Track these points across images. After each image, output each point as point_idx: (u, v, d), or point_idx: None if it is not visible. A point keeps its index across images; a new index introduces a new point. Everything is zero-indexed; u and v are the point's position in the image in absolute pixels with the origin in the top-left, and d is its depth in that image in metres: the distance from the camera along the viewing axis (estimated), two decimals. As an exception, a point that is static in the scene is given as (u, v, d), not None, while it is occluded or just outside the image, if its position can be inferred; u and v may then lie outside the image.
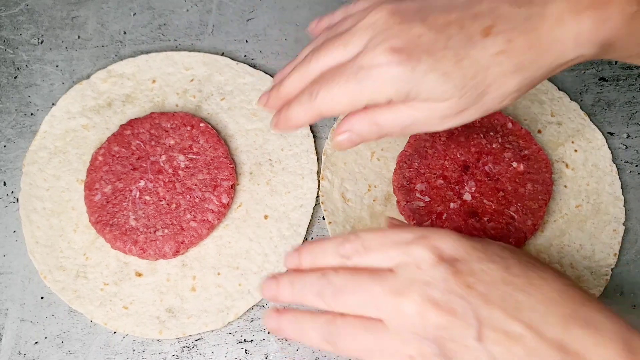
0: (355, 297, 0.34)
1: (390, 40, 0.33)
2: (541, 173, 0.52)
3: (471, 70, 0.33)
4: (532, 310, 0.32)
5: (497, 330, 0.31)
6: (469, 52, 0.33)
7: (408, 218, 0.52)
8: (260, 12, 0.62)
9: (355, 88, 0.34)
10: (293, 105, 0.37)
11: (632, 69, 0.59)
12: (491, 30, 0.33)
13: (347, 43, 0.35)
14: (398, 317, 0.33)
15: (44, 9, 0.62)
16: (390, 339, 0.33)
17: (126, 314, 0.51)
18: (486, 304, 0.32)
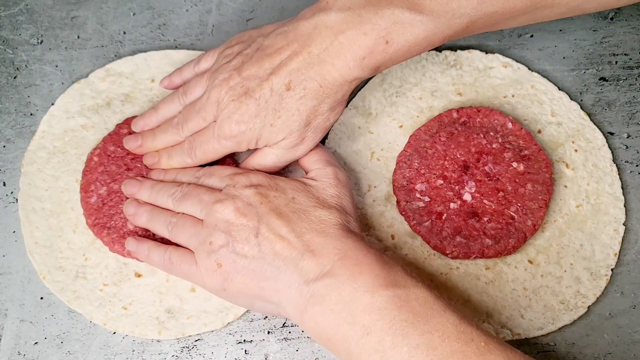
0: (192, 201, 0.48)
1: (232, 116, 0.48)
2: (541, 173, 0.52)
3: (288, 115, 0.47)
4: (296, 224, 0.45)
5: (270, 231, 0.44)
6: (282, 106, 0.47)
7: (408, 218, 0.52)
8: (260, 12, 0.62)
9: (222, 149, 0.49)
10: (174, 156, 0.52)
11: (633, 68, 0.59)
12: (290, 84, 0.46)
13: (204, 117, 0.49)
14: (211, 216, 0.46)
15: (44, 9, 0.62)
16: (203, 230, 0.46)
17: (125, 314, 0.50)
18: (268, 214, 0.45)
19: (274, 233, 0.44)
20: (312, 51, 0.46)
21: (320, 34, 0.46)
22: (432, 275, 0.51)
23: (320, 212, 0.46)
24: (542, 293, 0.51)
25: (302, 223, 0.45)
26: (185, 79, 0.54)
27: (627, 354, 0.50)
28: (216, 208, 0.46)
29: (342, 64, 0.46)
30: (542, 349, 0.50)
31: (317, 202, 0.47)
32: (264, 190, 0.46)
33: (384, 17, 0.45)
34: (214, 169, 0.50)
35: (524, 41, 0.59)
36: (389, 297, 0.41)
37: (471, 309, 0.50)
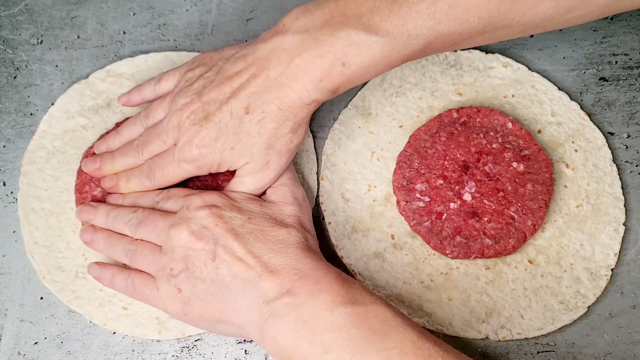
0: (147, 228, 0.48)
1: (192, 140, 0.47)
2: (541, 173, 0.52)
3: (248, 139, 0.47)
4: (253, 245, 0.45)
5: (227, 253, 0.44)
6: (241, 129, 0.47)
7: (408, 218, 0.52)
8: (260, 12, 0.62)
9: (182, 172, 0.49)
10: (133, 179, 0.51)
11: (633, 68, 0.59)
12: (249, 108, 0.46)
13: (164, 140, 0.49)
14: (168, 242, 0.46)
15: (44, 9, 0.62)
16: (162, 257, 0.46)
17: (125, 314, 0.50)
18: (224, 236, 0.45)
19: (231, 255, 0.44)
20: (270, 74, 0.46)
21: (277, 57, 0.46)
22: (432, 275, 0.51)
23: (277, 232, 0.46)
24: (542, 293, 0.51)
25: (259, 243, 0.45)
26: (144, 98, 0.54)
27: (627, 354, 0.50)
28: (172, 234, 0.46)
29: (300, 87, 0.46)
30: (542, 349, 0.50)
31: (274, 221, 0.47)
32: (219, 211, 0.46)
33: (339, 38, 0.44)
34: (172, 191, 0.50)
35: (524, 41, 0.59)
36: (348, 314, 0.41)
37: (471, 309, 0.50)
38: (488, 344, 0.50)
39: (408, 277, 0.51)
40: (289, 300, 0.42)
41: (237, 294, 0.44)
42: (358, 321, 0.41)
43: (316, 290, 0.42)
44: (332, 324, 0.41)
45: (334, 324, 0.41)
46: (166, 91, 0.53)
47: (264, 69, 0.46)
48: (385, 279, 0.51)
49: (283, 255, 0.44)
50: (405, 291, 0.51)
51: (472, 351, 0.50)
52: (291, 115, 0.47)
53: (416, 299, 0.51)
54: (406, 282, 0.51)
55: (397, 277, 0.51)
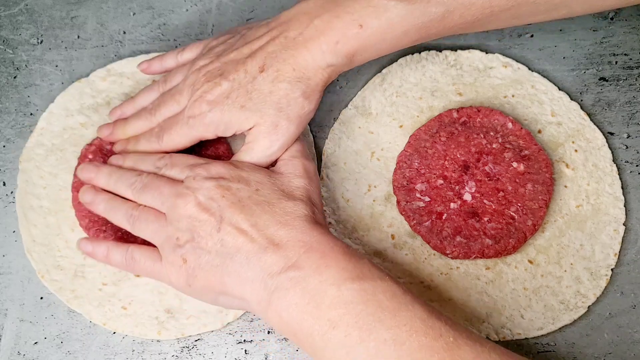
0: (152, 193, 0.47)
1: (204, 96, 0.47)
2: (541, 173, 0.52)
3: (260, 97, 0.46)
4: (259, 217, 0.44)
5: (232, 225, 0.44)
6: (254, 87, 0.47)
7: (408, 218, 0.52)
8: (260, 12, 0.62)
9: (189, 132, 0.48)
10: (142, 142, 0.51)
11: (633, 68, 0.59)
12: (264, 66, 0.47)
13: (178, 100, 0.49)
14: (174, 210, 0.45)
15: (44, 9, 0.62)
16: (167, 225, 0.45)
17: (125, 314, 0.50)
18: (230, 208, 0.44)
19: (235, 227, 0.44)
20: (288, 35, 0.47)
21: (297, 19, 0.47)
22: (432, 275, 0.51)
23: (285, 204, 0.45)
24: (542, 293, 0.51)
25: (265, 215, 0.44)
26: (165, 66, 0.54)
27: (627, 354, 0.50)
28: (178, 203, 0.45)
29: (316, 47, 0.46)
30: (542, 349, 0.50)
31: (282, 193, 0.46)
32: (226, 183, 0.45)
33: (358, 1, 0.45)
34: (175, 158, 0.49)
35: (524, 41, 0.59)
36: (356, 290, 0.40)
37: (471, 309, 0.50)
38: (488, 344, 0.50)
39: (408, 277, 0.51)
40: (294, 274, 0.41)
41: (241, 267, 0.43)
42: (366, 297, 0.40)
43: (322, 264, 0.41)
44: (338, 299, 0.40)
45: (340, 299, 0.40)
46: (188, 61, 0.53)
47: (284, 31, 0.47)
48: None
49: (289, 227, 0.43)
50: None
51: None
52: (304, 78, 0.47)
53: (416, 299, 0.51)
54: (406, 282, 0.51)
55: (397, 277, 0.51)
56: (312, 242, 0.43)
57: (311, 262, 0.42)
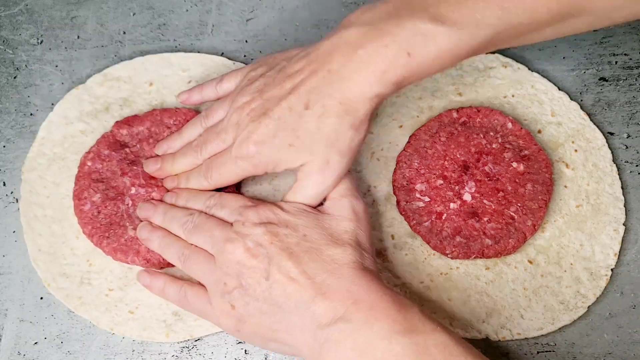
0: (203, 235, 0.47)
1: (250, 136, 0.46)
2: (541, 173, 0.52)
3: (307, 135, 0.45)
4: (307, 265, 0.44)
5: (281, 273, 0.43)
6: (300, 125, 0.45)
7: (408, 218, 0.52)
8: (260, 12, 0.62)
9: (239, 171, 0.48)
10: (191, 180, 0.51)
11: (633, 69, 0.59)
12: (309, 103, 0.45)
13: (223, 139, 0.49)
14: (223, 255, 0.45)
15: (44, 9, 0.62)
16: (216, 270, 0.46)
17: (132, 318, 0.50)
18: (279, 255, 0.44)
19: (284, 275, 0.43)
20: (331, 68, 0.45)
21: (339, 51, 0.45)
22: (432, 275, 0.51)
23: (333, 251, 0.44)
24: (542, 293, 0.51)
25: (313, 263, 0.44)
26: (205, 97, 0.54)
27: (627, 354, 0.50)
28: (227, 248, 0.45)
29: (362, 79, 0.44)
30: (542, 349, 0.50)
31: (329, 239, 0.45)
32: (274, 229, 0.45)
33: (405, 28, 0.43)
34: (225, 199, 0.49)
35: (524, 41, 0.59)
36: (407, 344, 0.40)
37: (471, 309, 0.50)
38: (488, 344, 0.50)
39: (408, 277, 0.51)
40: (343, 326, 0.41)
41: (291, 315, 0.43)
42: (417, 351, 0.40)
43: (372, 316, 0.41)
44: (390, 353, 0.40)
45: (392, 353, 0.40)
46: (227, 91, 0.52)
47: (326, 63, 0.45)
48: (385, 279, 0.51)
49: (337, 276, 0.43)
50: (405, 291, 0.51)
51: (472, 351, 0.50)
52: (352, 110, 0.45)
53: (416, 299, 0.51)
54: (406, 282, 0.51)
55: (397, 277, 0.51)
56: (361, 292, 0.42)
57: (360, 314, 0.41)
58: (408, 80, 0.45)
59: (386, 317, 0.41)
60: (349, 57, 0.44)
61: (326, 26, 0.61)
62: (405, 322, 0.41)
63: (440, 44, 0.43)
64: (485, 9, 0.43)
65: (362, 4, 0.62)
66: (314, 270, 0.43)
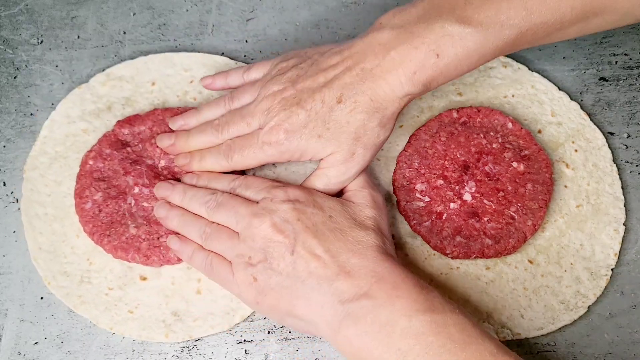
0: (227, 212, 0.48)
1: (282, 124, 0.47)
2: (541, 173, 0.52)
3: (337, 127, 0.47)
4: (332, 244, 0.45)
5: (306, 249, 0.44)
6: (331, 117, 0.47)
7: (408, 218, 0.52)
8: (260, 12, 0.62)
9: (263, 156, 0.49)
10: (208, 158, 0.51)
11: (633, 69, 0.59)
12: (341, 98, 0.47)
13: (249, 122, 0.49)
14: (248, 230, 0.46)
15: (44, 9, 0.62)
16: (240, 243, 0.46)
17: (131, 318, 0.50)
18: (304, 232, 0.45)
19: (309, 252, 0.44)
20: (365, 67, 0.47)
21: (373, 51, 0.47)
22: (432, 275, 0.51)
23: (357, 233, 0.46)
24: (542, 293, 0.51)
25: (338, 243, 0.45)
26: (230, 84, 0.54)
27: (627, 354, 0.50)
28: (253, 223, 0.46)
29: (394, 78, 0.46)
30: (542, 349, 0.50)
31: (354, 222, 0.46)
32: (301, 207, 0.46)
33: (433, 30, 0.45)
34: (251, 180, 0.49)
35: (524, 41, 0.59)
36: (427, 322, 0.41)
37: (471, 309, 0.50)
38: (488, 344, 0.50)
39: (408, 277, 0.51)
40: (366, 302, 0.42)
41: (312, 291, 0.44)
42: (437, 329, 0.41)
43: (394, 295, 0.42)
44: (410, 330, 0.41)
45: (411, 330, 0.41)
46: (254, 80, 0.53)
47: (360, 61, 0.47)
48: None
49: (361, 256, 0.44)
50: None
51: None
52: (382, 108, 0.47)
53: (416, 299, 0.51)
54: (406, 282, 0.51)
55: (397, 277, 0.51)
56: (384, 272, 0.43)
57: (383, 292, 0.42)
58: (437, 81, 0.47)
59: (408, 296, 0.42)
60: (382, 57, 0.46)
61: (326, 26, 0.61)
62: (426, 302, 0.42)
63: (467, 45, 0.45)
64: (510, 10, 0.45)
65: (362, 4, 0.62)
66: (339, 249, 0.44)
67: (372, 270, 0.44)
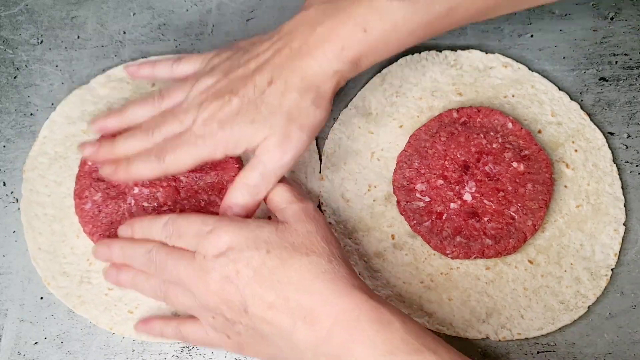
0: (170, 271, 0.45)
1: (216, 114, 0.45)
2: (541, 173, 0.52)
3: (269, 109, 0.45)
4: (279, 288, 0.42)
5: (257, 304, 0.42)
6: (263, 100, 0.45)
7: (408, 218, 0.52)
8: (260, 12, 0.62)
9: (197, 152, 0.46)
10: (136, 163, 0.47)
11: (633, 68, 0.59)
12: (272, 80, 0.45)
13: (182, 120, 0.47)
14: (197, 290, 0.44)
15: (44, 9, 0.62)
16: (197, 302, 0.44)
17: (131, 318, 0.50)
18: (248, 284, 0.42)
19: (261, 305, 0.42)
20: (293, 46, 0.46)
21: (300, 29, 0.46)
22: (432, 275, 0.51)
23: (299, 263, 0.43)
24: (542, 293, 0.51)
25: (284, 285, 0.42)
26: (157, 74, 0.52)
27: (627, 354, 0.50)
28: (198, 284, 0.43)
29: (322, 55, 0.45)
30: (542, 349, 0.50)
31: (292, 248, 0.43)
32: (236, 255, 0.43)
33: (361, 5, 0.44)
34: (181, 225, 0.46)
35: (524, 41, 0.59)
36: None
37: (471, 309, 0.50)
38: (488, 344, 0.50)
39: (408, 277, 0.51)
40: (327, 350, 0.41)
41: (279, 341, 0.43)
42: None
43: (350, 341, 0.40)
44: None
45: None
46: (184, 73, 0.51)
47: (288, 42, 0.46)
48: (386, 279, 0.51)
49: (310, 294, 0.42)
50: (406, 291, 0.51)
51: (472, 351, 0.50)
52: (313, 86, 0.46)
53: (416, 299, 0.51)
54: (406, 282, 0.51)
55: (397, 277, 0.51)
56: (337, 311, 0.41)
57: (340, 339, 0.40)
58: (367, 58, 0.46)
59: (365, 340, 0.40)
60: (308, 34, 0.45)
61: (326, 26, 0.61)
62: (385, 344, 0.40)
63: (395, 19, 0.44)
64: None
65: (362, 4, 0.62)
66: (287, 290, 0.42)
67: (322, 312, 0.41)
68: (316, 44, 0.45)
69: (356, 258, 0.52)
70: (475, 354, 0.50)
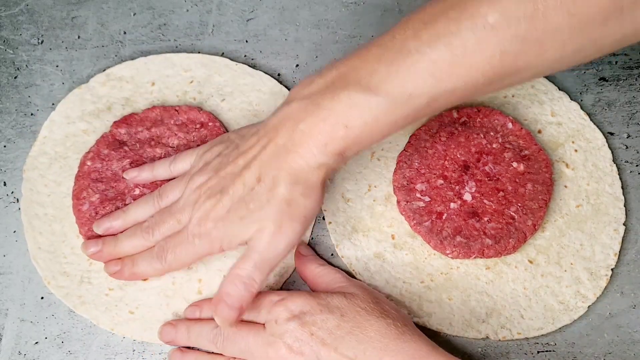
0: (239, 346, 0.46)
1: (209, 214, 0.46)
2: (541, 173, 0.52)
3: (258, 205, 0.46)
4: (355, 348, 0.44)
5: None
6: (252, 197, 0.46)
7: (408, 218, 0.52)
8: (260, 12, 0.62)
9: (195, 250, 0.47)
10: (140, 264, 0.49)
11: (633, 69, 0.59)
12: (260, 176, 0.46)
13: (179, 219, 0.48)
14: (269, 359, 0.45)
15: (44, 9, 0.62)
16: None
17: (132, 318, 0.50)
18: (323, 346, 0.44)
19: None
20: (278, 142, 0.46)
21: (284, 125, 0.46)
22: (432, 275, 0.51)
23: (376, 324, 0.45)
24: (542, 293, 0.51)
25: (362, 345, 0.44)
26: (156, 176, 0.53)
27: (627, 353, 0.50)
28: (269, 354, 0.45)
29: (306, 151, 0.45)
30: (542, 349, 0.50)
31: (365, 312, 0.45)
32: (309, 318, 0.45)
33: (340, 101, 0.44)
34: None
35: (524, 41, 0.59)
36: None
37: (471, 309, 0.50)
38: (488, 344, 0.50)
39: (408, 277, 0.51)
40: None
41: None
42: None
43: None
44: None
45: None
46: (181, 171, 0.52)
47: (273, 138, 0.46)
48: (386, 279, 0.51)
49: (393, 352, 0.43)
50: (406, 291, 0.51)
51: (472, 351, 0.50)
52: (301, 180, 0.46)
53: (416, 299, 0.51)
54: (406, 282, 0.51)
55: (398, 277, 0.51)
56: None
57: None
58: (351, 150, 0.46)
59: None
60: (292, 131, 0.45)
61: (326, 26, 0.61)
62: None
63: (375, 114, 0.44)
64: (417, 79, 0.43)
65: (363, 4, 0.62)
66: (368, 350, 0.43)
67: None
68: (300, 141, 0.45)
69: (356, 258, 0.52)
70: (475, 354, 0.50)
